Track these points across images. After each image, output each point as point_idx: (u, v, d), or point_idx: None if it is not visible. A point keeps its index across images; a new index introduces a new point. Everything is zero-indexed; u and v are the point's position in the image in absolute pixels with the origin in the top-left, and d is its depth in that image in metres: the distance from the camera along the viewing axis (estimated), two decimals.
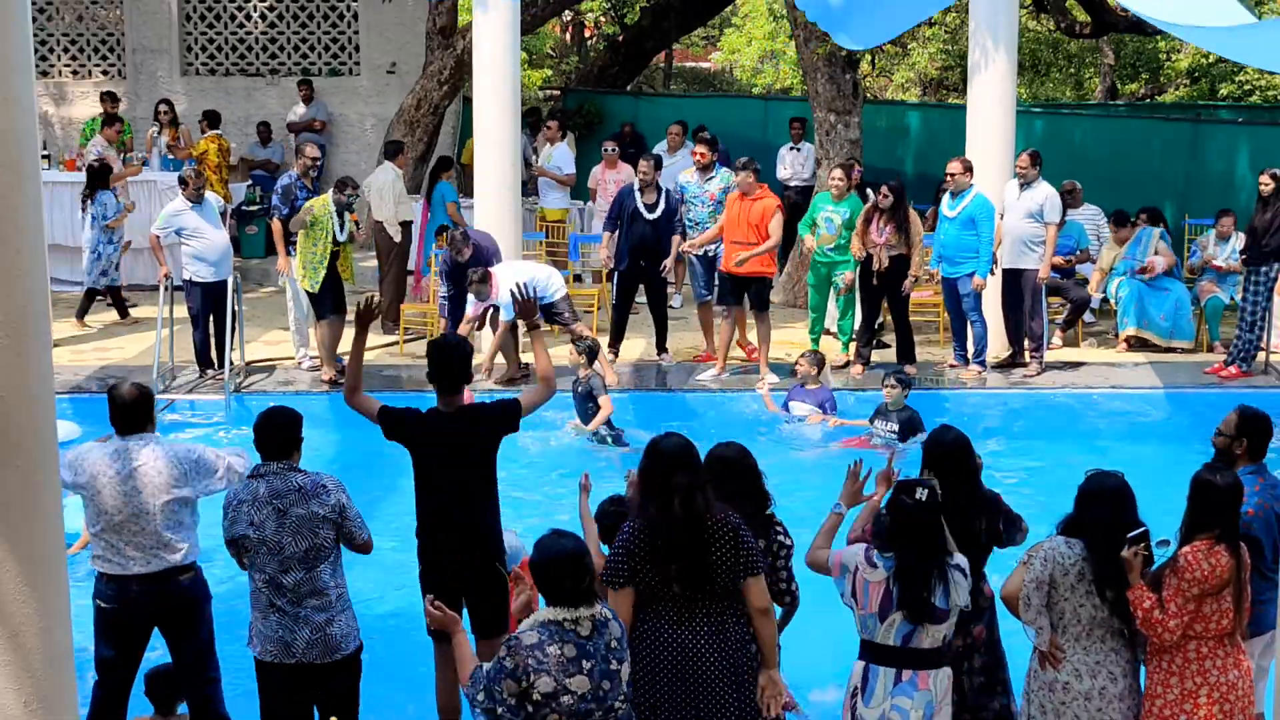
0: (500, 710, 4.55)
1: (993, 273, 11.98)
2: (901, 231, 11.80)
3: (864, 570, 5.08)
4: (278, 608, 5.54)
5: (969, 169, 11.88)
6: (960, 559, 5.13)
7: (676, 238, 12.36)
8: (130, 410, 5.82)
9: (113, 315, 14.20)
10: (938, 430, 5.83)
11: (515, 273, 11.30)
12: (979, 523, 5.54)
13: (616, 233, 12.52)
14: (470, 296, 11.65)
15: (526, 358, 11.99)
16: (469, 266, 11.73)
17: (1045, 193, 12.01)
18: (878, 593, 5.04)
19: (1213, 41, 9.52)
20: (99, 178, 13.62)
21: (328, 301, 11.79)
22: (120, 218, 13.76)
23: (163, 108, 16.09)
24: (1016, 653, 5.75)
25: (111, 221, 13.66)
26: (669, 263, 12.41)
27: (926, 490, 5.06)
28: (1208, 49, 16.05)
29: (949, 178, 11.92)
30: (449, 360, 6.08)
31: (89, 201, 13.59)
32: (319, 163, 12.00)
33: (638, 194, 12.42)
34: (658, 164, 12.59)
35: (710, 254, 12.40)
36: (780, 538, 5.47)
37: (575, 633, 4.56)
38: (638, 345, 13.10)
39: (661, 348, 12.75)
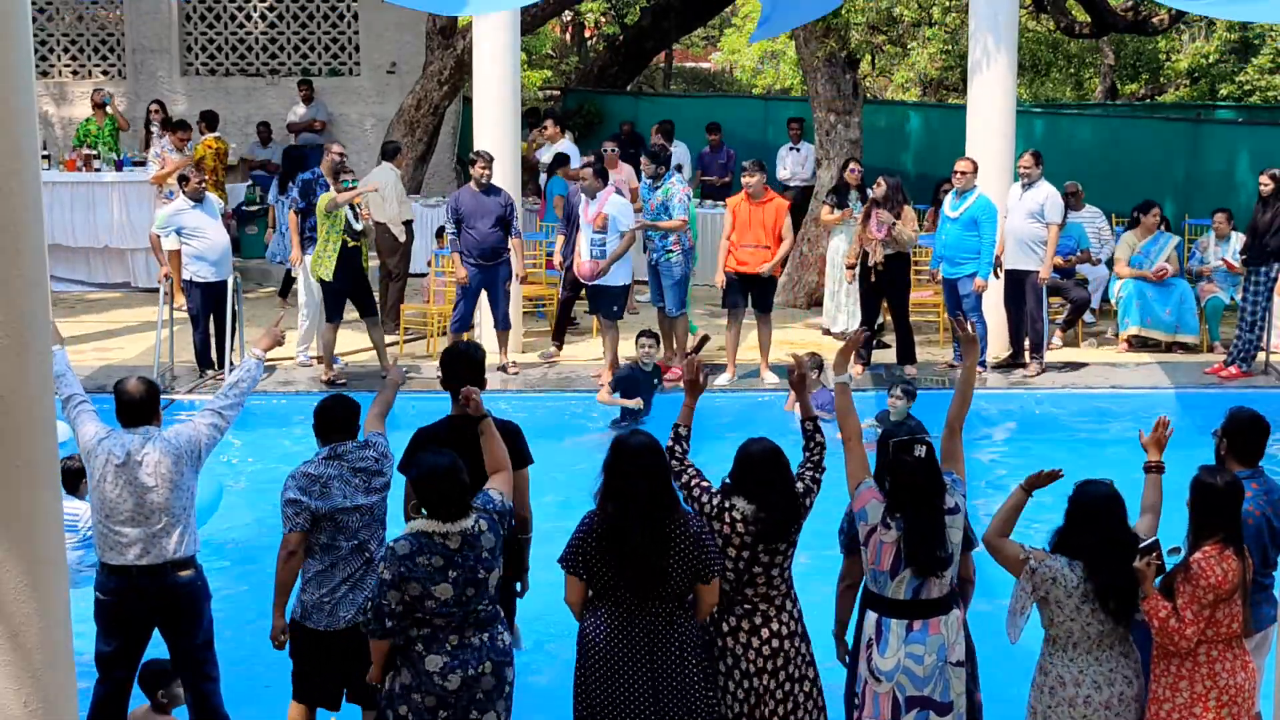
0: (393, 624, 4.90)
1: (996, 276, 11.97)
2: (897, 220, 11.75)
3: (880, 531, 5.18)
4: (349, 577, 5.71)
5: (976, 170, 11.88)
6: (950, 501, 5.20)
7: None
8: (137, 406, 5.89)
9: (114, 314, 14.23)
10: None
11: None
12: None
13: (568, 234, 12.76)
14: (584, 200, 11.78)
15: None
16: (490, 192, 11.75)
17: (1046, 192, 12.02)
18: (890, 552, 5.16)
19: (1217, 5, 9.48)
20: (296, 165, 13.68)
21: (336, 302, 11.75)
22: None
23: (154, 108, 16.08)
24: (999, 654, 5.74)
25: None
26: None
27: (924, 447, 5.13)
28: (1214, 15, 16.00)
29: (958, 175, 11.86)
30: (456, 367, 5.96)
31: (290, 183, 13.68)
32: (344, 159, 12.08)
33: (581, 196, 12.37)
34: (593, 165, 12.47)
35: (653, 261, 12.13)
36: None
37: (445, 545, 4.90)
38: (629, 347, 13.05)
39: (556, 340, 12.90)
